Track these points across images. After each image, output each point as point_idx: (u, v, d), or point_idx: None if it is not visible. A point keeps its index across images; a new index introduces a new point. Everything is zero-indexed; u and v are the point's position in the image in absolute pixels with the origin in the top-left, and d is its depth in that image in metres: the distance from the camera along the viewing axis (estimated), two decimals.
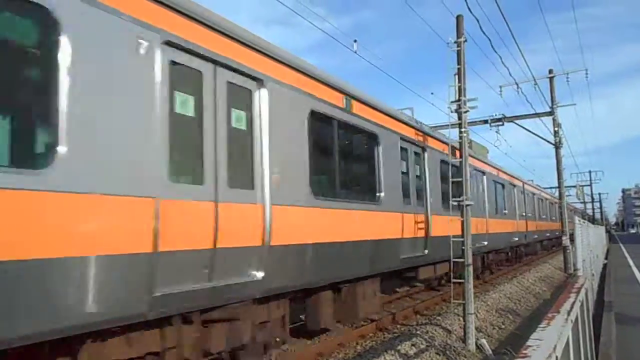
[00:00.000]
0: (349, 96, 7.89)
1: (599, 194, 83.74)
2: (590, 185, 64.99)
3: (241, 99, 5.70)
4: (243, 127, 5.74)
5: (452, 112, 9.44)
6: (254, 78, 5.81)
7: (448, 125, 10.15)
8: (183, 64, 4.92)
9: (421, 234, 10.23)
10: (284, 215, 6.00)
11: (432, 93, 41.65)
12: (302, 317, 8.15)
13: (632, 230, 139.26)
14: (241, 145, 5.65)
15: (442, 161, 11.70)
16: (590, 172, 63.38)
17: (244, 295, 5.50)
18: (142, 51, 4.44)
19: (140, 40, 4.43)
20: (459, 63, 9.20)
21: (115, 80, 4.20)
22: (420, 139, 10.75)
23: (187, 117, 5.00)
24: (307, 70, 6.86)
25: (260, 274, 5.62)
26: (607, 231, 64.10)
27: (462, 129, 9.19)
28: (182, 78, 4.91)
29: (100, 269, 3.94)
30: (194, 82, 5.08)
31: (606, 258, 26.54)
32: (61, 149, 3.71)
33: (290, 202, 6.18)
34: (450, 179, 9.37)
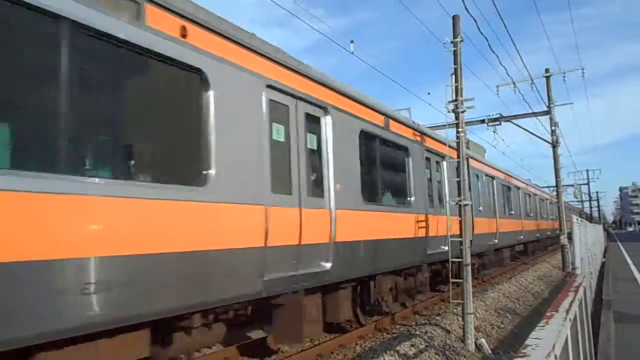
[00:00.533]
0: None
1: (597, 192, 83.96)
2: (588, 183, 65.21)
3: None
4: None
5: (449, 112, 9.45)
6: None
7: (445, 125, 10.15)
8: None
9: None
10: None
11: (428, 93, 41.73)
12: None
13: (630, 229, 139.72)
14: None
15: None
16: (587, 170, 63.61)
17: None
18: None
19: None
20: (455, 63, 9.21)
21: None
22: None
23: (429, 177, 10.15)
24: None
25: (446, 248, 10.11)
26: (605, 229, 64.26)
27: (460, 129, 9.20)
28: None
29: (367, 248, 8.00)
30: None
31: (604, 256, 26.60)
32: None
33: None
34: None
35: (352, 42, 13.11)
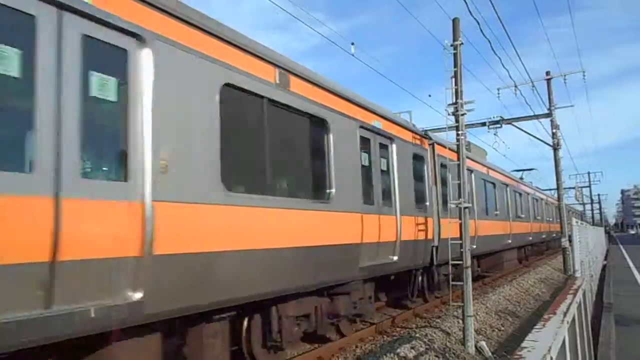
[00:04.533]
0: None
1: (598, 194, 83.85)
2: (590, 186, 65.09)
3: None
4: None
5: (449, 114, 9.46)
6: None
7: (445, 128, 10.15)
8: None
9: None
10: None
11: (429, 95, 41.71)
12: None
13: (632, 231, 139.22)
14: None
15: None
16: (589, 173, 63.52)
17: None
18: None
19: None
20: (455, 66, 9.22)
21: None
22: None
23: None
24: None
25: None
26: (607, 232, 64.11)
27: (460, 132, 9.20)
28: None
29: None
30: None
31: (606, 259, 26.54)
32: None
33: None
34: None
35: (352, 44, 13.18)
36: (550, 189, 39.29)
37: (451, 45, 9.31)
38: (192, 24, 5.14)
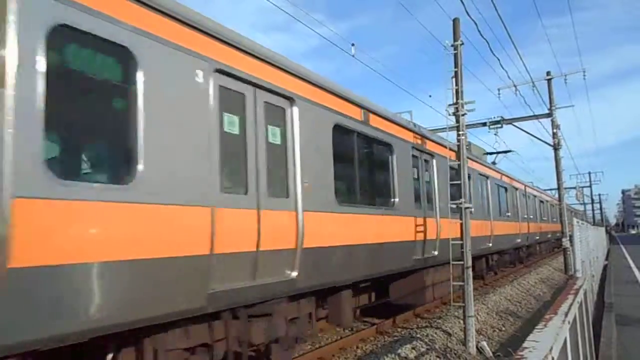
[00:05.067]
0: None
1: (599, 195, 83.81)
2: (590, 186, 65.10)
3: None
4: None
5: (450, 115, 9.46)
6: None
7: (446, 128, 10.15)
8: None
9: None
10: None
11: (430, 95, 41.64)
12: None
13: (633, 231, 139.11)
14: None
15: None
16: (589, 173, 63.51)
17: None
18: None
19: None
20: (456, 66, 9.22)
21: None
22: None
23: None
24: None
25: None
26: (608, 232, 64.08)
27: (460, 132, 9.20)
28: None
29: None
30: None
31: (607, 259, 26.52)
32: None
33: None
34: None
35: (353, 45, 13.14)
36: (551, 189, 39.18)
37: (452, 46, 9.31)
38: (318, 85, 6.99)
